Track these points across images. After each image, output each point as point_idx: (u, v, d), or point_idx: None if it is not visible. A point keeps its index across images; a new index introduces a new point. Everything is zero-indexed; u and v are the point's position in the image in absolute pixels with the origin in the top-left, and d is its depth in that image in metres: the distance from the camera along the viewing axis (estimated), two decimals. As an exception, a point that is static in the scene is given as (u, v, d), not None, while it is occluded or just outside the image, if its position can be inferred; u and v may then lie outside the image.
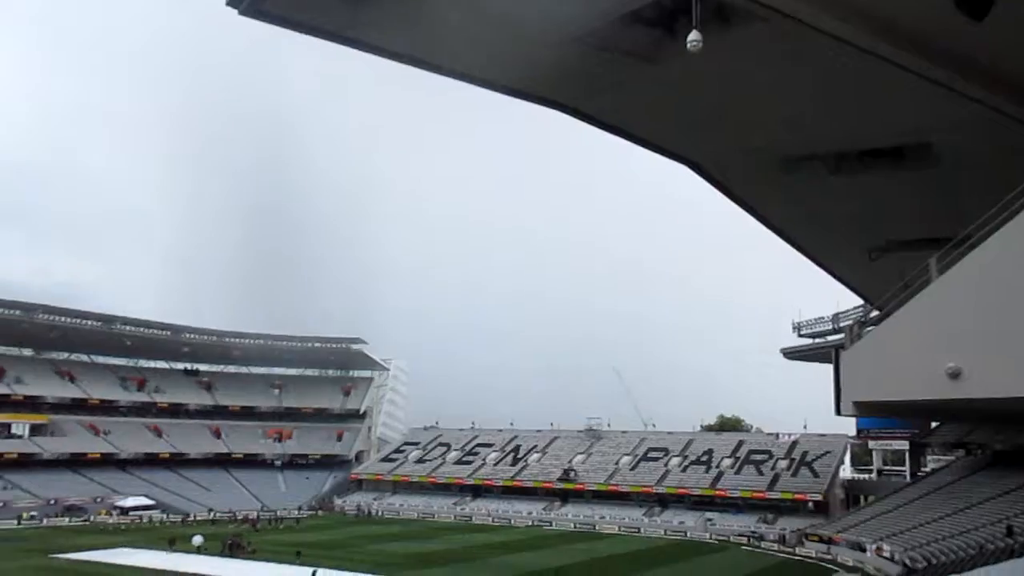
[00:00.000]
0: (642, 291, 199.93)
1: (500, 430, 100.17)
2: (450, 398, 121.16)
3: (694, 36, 11.69)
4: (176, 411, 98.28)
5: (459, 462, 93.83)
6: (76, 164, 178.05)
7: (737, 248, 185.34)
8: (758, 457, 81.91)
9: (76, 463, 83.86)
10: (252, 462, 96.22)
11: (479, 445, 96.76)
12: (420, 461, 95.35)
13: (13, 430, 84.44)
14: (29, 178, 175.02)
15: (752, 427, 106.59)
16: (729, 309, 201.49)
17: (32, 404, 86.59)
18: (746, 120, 17.49)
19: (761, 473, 78.94)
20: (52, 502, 74.73)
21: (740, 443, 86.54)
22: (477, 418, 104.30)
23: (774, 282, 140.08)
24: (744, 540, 68.05)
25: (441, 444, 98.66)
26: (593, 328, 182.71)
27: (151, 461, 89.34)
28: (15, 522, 69.30)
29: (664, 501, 79.54)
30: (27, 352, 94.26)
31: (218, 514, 78.00)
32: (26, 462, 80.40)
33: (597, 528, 75.96)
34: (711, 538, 70.36)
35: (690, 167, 20.49)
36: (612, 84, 14.92)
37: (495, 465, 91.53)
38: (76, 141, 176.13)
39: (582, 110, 16.49)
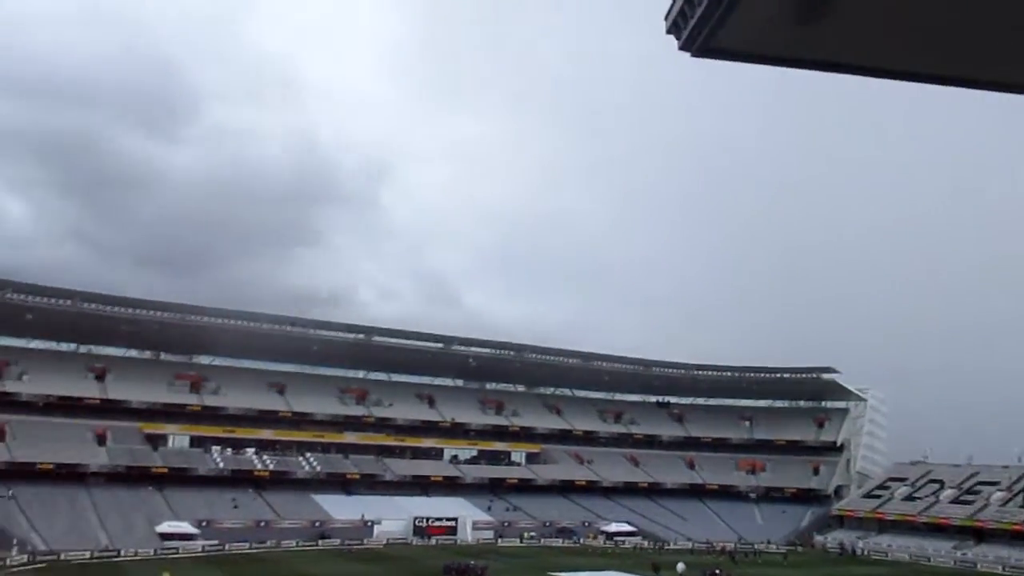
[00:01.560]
0: None
1: (1006, 467, 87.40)
2: (939, 431, 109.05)
3: None
4: (650, 442, 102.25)
5: (955, 501, 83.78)
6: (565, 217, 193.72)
7: None
8: None
9: (565, 489, 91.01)
10: (726, 493, 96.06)
11: (980, 483, 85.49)
12: (908, 499, 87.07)
13: (513, 458, 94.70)
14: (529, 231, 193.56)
15: None
16: None
17: (527, 435, 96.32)
18: None
19: None
20: (547, 524, 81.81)
21: None
22: (975, 452, 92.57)
23: None
24: None
25: (932, 481, 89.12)
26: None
27: (630, 489, 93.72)
28: (518, 540, 77.12)
29: None
30: (520, 388, 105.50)
31: (696, 544, 78.80)
32: (524, 487, 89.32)
33: None
34: None
35: None
36: None
37: (1002, 506, 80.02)
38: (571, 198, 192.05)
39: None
